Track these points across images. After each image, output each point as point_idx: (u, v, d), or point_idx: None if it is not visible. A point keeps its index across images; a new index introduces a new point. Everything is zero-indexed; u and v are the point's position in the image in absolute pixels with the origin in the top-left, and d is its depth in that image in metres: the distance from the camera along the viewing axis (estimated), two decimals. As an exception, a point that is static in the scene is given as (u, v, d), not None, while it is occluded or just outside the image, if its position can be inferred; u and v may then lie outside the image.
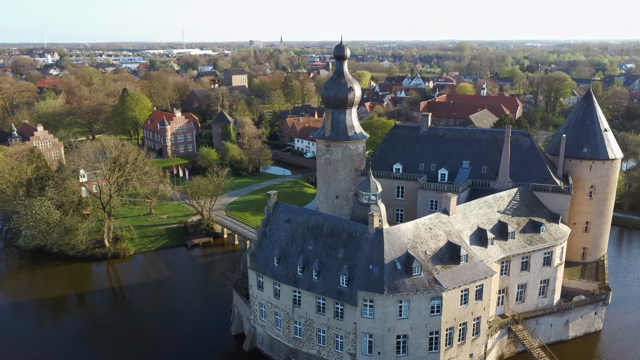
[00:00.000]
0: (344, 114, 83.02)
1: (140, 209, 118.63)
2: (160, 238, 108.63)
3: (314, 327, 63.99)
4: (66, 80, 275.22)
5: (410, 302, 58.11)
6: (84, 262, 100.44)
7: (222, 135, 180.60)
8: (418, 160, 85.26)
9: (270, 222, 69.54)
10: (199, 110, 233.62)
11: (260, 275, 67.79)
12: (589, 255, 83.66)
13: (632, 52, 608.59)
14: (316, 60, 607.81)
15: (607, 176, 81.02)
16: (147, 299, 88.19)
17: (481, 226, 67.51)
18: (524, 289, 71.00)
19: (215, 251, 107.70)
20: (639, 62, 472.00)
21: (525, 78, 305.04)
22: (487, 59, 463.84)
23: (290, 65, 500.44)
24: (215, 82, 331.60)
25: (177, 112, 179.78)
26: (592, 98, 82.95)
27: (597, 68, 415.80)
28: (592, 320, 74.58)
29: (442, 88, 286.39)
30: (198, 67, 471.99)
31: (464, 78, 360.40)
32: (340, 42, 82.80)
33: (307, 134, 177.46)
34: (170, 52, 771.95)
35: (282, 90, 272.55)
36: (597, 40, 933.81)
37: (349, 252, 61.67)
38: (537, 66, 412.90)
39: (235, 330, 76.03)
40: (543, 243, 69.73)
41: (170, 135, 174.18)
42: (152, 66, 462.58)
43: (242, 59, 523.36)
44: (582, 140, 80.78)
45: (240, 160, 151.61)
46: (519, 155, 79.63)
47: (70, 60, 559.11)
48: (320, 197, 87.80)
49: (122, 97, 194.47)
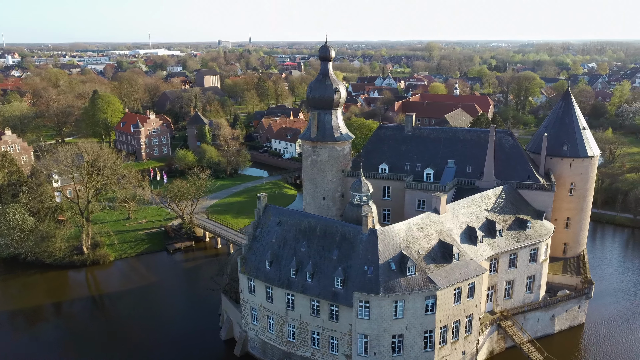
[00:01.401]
0: (330, 114, 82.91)
1: (118, 213, 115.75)
2: (140, 243, 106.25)
3: (308, 329, 63.63)
4: (31, 82, 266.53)
5: (406, 302, 58.39)
6: (62, 270, 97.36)
7: (197, 137, 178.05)
8: (404, 160, 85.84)
9: (260, 224, 68.81)
10: (172, 112, 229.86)
11: (252, 279, 67.00)
12: (570, 250, 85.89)
13: (592, 52, 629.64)
14: (287, 60, 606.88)
15: (587, 173, 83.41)
16: (130, 306, 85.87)
17: (470, 225, 68.42)
18: (511, 286, 72.33)
19: (197, 255, 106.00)
20: (600, 61, 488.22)
21: (494, 77, 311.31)
22: (455, 59, 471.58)
23: (261, 66, 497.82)
24: (186, 83, 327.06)
25: (151, 114, 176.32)
26: (570, 97, 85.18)
27: (561, 67, 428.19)
28: (576, 314, 76.59)
29: (414, 88, 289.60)
30: (167, 67, 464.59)
31: (434, 78, 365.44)
32: (325, 43, 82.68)
33: (285, 135, 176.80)
34: (136, 53, 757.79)
35: (256, 90, 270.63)
36: (560, 40, 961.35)
37: (343, 253, 61.55)
38: (505, 66, 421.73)
39: (225, 335, 74.92)
40: (529, 240, 71.19)
41: (144, 138, 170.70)
42: (120, 67, 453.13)
43: (211, 59, 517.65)
44: (562, 139, 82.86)
45: (218, 162, 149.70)
46: (503, 154, 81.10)
47: (33, 61, 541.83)
48: (307, 199, 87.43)
49: (93, 99, 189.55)
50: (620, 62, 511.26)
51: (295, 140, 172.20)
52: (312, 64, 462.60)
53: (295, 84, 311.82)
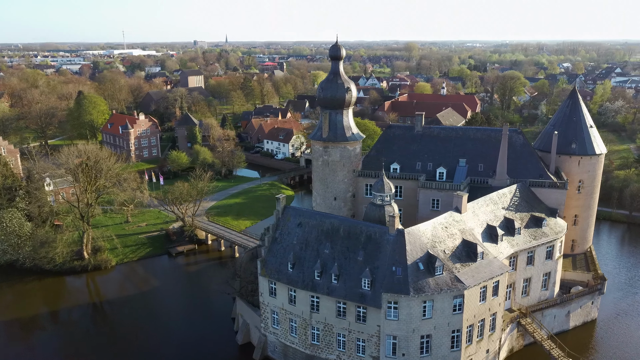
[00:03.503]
0: (341, 114, 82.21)
1: (117, 217, 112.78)
2: (142, 247, 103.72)
3: (333, 332, 62.81)
4: (8, 83, 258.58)
5: (434, 302, 58.16)
6: (61, 276, 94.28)
7: (187, 138, 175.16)
8: (414, 160, 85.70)
9: (280, 226, 67.68)
10: (157, 113, 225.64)
11: (273, 282, 65.86)
12: (578, 247, 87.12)
13: (566, 52, 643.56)
14: (266, 60, 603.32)
15: (594, 171, 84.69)
16: (134, 313, 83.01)
17: (490, 223, 68.61)
18: (528, 283, 72.84)
19: (200, 258, 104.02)
20: (574, 61, 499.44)
21: (477, 77, 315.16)
22: (435, 59, 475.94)
23: (240, 66, 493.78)
24: (167, 84, 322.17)
25: (141, 115, 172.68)
26: (577, 96, 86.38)
27: (538, 67, 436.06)
28: (589, 310, 77.63)
29: (399, 88, 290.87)
30: (145, 68, 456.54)
31: (416, 77, 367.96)
32: (336, 43, 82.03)
33: (277, 135, 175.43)
34: (111, 53, 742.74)
35: (242, 90, 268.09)
36: (533, 41, 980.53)
37: (369, 254, 60.95)
38: (485, 66, 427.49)
39: (242, 339, 73.54)
40: (546, 237, 71.79)
41: (134, 139, 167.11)
42: (96, 68, 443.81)
43: (190, 59, 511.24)
44: (570, 137, 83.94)
45: (212, 164, 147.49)
46: (514, 153, 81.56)
47: (4, 61, 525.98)
48: (317, 199, 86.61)
49: (78, 100, 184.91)
50: (593, 61, 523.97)
51: (288, 140, 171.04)
52: (292, 64, 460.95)
53: (279, 84, 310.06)
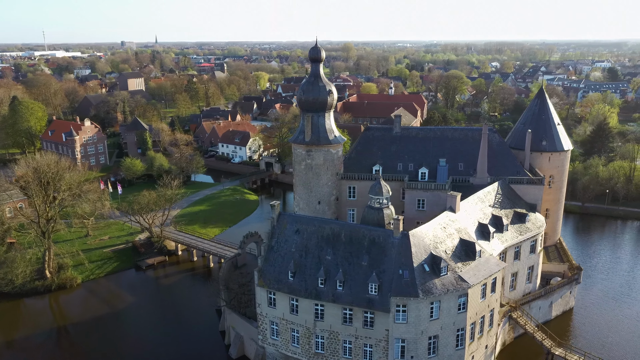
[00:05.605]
0: (323, 117, 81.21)
1: (75, 232, 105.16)
2: (108, 262, 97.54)
3: (339, 339, 61.73)
4: None
5: (441, 302, 58.59)
6: (21, 298, 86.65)
7: (137, 143, 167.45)
8: (395, 161, 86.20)
9: (276, 234, 65.68)
10: (97, 118, 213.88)
11: (272, 292, 63.78)
12: (549, 239, 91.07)
13: (492, 52, 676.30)
14: (201, 61, 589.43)
15: (563, 166, 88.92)
16: (108, 333, 77.20)
17: (481, 221, 70.16)
18: (515, 277, 75.23)
19: (172, 270, 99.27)
20: (502, 60, 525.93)
21: (418, 77, 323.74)
22: (373, 59, 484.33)
23: (177, 67, 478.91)
24: (102, 87, 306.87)
25: (86, 121, 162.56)
26: (545, 95, 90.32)
27: (471, 67, 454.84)
28: (567, 299, 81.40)
29: (346, 89, 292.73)
30: (74, 70, 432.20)
31: (357, 78, 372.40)
32: (316, 45, 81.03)
33: (233, 138, 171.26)
34: (31, 55, 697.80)
35: (187, 92, 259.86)
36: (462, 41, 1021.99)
37: (373, 258, 60.39)
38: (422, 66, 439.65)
39: (236, 353, 70.80)
40: (530, 232, 74.45)
41: (79, 147, 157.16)
42: (19, 70, 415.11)
43: (122, 61, 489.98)
44: (540, 135, 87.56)
45: (169, 170, 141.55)
46: (491, 151, 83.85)
47: None
48: (300, 204, 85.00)
49: (13, 106, 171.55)
50: (519, 61, 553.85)
51: (245, 143, 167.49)
52: (230, 65, 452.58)
53: (222, 85, 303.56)
